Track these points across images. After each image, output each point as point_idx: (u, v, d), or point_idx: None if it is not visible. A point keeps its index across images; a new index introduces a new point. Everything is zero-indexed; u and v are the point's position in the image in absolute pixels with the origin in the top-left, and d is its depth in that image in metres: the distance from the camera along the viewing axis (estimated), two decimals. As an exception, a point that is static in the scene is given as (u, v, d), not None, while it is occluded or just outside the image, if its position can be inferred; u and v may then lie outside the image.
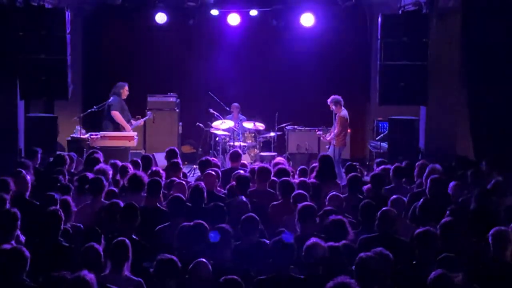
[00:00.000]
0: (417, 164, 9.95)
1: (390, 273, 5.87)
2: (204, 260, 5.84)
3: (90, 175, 8.94)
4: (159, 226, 7.48)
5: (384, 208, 7.18)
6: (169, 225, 7.44)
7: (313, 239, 6.07)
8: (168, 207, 7.83)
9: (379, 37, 12.76)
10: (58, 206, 7.29)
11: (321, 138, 14.83)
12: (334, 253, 6.02)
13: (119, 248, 6.11)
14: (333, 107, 13.73)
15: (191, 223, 6.74)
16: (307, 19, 16.04)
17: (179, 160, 10.38)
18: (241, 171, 9.71)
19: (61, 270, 5.58)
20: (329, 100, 13.79)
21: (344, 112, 13.86)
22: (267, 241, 6.64)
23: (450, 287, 5.38)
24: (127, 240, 6.20)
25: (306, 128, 15.74)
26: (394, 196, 8.14)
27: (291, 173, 10.22)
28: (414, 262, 6.22)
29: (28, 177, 8.69)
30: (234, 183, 8.97)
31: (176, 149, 11.20)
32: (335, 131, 13.68)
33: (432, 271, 5.51)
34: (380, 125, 15.23)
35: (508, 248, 6.25)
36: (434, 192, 8.36)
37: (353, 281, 5.16)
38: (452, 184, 8.76)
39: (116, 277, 5.97)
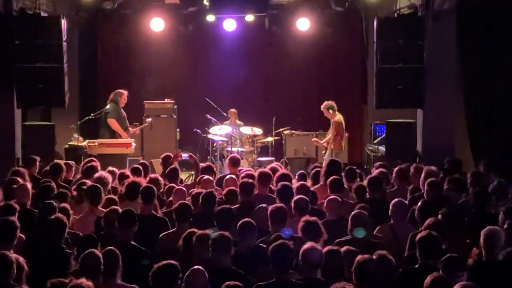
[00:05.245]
0: (412, 167, 9.91)
1: (391, 276, 5.85)
2: (200, 267, 5.73)
3: (88, 183, 8.92)
4: (164, 233, 7.48)
5: (355, 211, 7.22)
6: (174, 231, 7.43)
7: (309, 243, 6.04)
8: (175, 213, 7.77)
9: (375, 40, 12.79)
10: (57, 213, 7.30)
11: (315, 143, 14.83)
12: (332, 257, 6.01)
13: (109, 256, 6.07)
14: (329, 112, 13.71)
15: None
16: (303, 24, 16.07)
17: (177, 166, 10.35)
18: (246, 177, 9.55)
19: (63, 276, 5.61)
20: (322, 106, 13.79)
21: (338, 116, 13.86)
22: (265, 246, 6.60)
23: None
24: (114, 249, 6.15)
25: (303, 133, 15.73)
26: (396, 200, 8.08)
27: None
28: (416, 266, 6.17)
29: (29, 186, 8.66)
30: (232, 188, 8.92)
31: (172, 155, 11.17)
32: (330, 136, 13.66)
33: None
34: (378, 128, 15.22)
35: (499, 247, 6.23)
36: (432, 195, 8.34)
37: (351, 286, 5.13)
38: (447, 186, 8.72)
39: (110, 285, 5.97)
